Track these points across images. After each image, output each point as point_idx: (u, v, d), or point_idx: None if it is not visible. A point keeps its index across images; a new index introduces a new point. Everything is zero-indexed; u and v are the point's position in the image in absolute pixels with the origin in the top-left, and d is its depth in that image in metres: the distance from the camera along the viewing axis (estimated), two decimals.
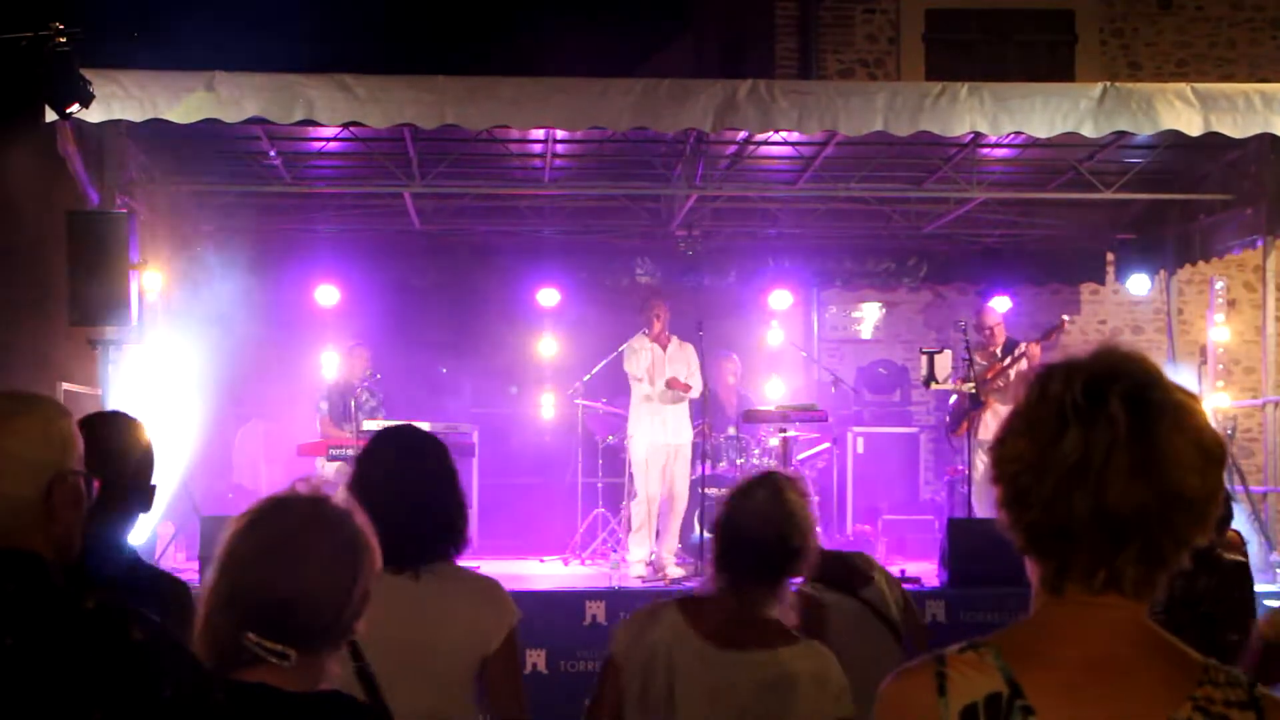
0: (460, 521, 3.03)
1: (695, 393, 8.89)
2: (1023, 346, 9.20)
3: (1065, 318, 9.39)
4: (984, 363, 9.26)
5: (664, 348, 8.92)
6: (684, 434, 8.83)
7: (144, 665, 1.92)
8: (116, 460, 2.83)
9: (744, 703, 2.85)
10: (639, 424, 8.87)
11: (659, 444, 8.78)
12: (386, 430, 3.23)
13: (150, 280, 8.71)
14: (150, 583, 2.93)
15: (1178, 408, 1.48)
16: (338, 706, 2.01)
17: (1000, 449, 1.53)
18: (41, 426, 2.03)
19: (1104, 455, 1.44)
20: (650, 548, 8.77)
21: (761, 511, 2.98)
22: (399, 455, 3.07)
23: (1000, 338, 9.45)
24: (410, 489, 2.97)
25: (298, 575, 1.98)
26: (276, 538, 2.01)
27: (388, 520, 2.77)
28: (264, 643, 1.94)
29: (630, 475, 9.57)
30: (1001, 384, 9.05)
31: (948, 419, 9.56)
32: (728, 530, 3.03)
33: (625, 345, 9.14)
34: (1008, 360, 9.13)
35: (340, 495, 2.17)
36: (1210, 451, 1.48)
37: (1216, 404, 9.58)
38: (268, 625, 1.95)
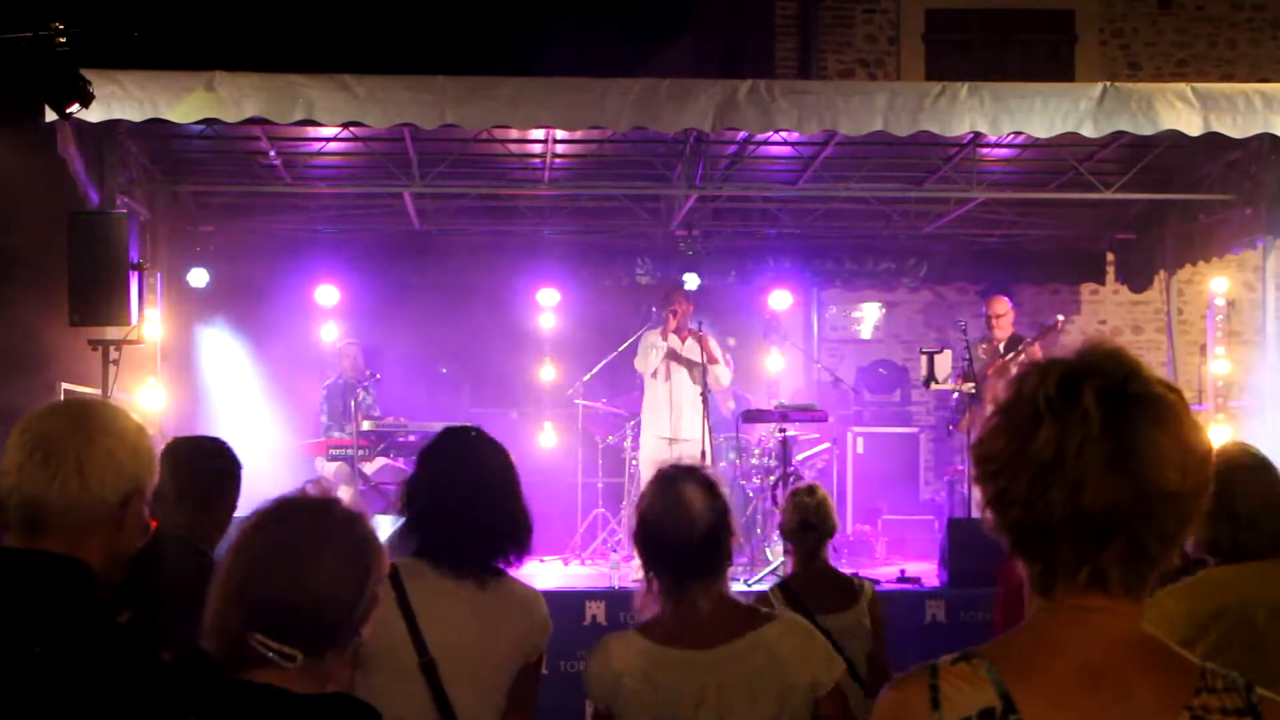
0: (526, 531, 3.01)
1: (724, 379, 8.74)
2: (1025, 344, 9.16)
3: (1060, 318, 9.35)
4: (985, 358, 9.22)
5: (683, 341, 8.77)
6: (696, 432, 8.61)
7: (170, 688, 1.92)
8: None
9: (745, 689, 2.79)
10: (650, 421, 8.79)
11: (668, 441, 8.70)
12: (451, 430, 3.17)
13: (150, 280, 8.71)
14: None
15: (1156, 401, 1.46)
16: (343, 709, 2.01)
17: (978, 448, 1.52)
18: (136, 439, 2.12)
19: (1077, 450, 1.43)
20: None
21: (670, 513, 2.88)
22: (466, 457, 3.05)
23: (1004, 330, 9.38)
24: (478, 493, 2.96)
25: (306, 578, 1.98)
26: (286, 540, 2.02)
27: (456, 522, 2.84)
28: (270, 644, 1.94)
29: (633, 474, 9.57)
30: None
31: (952, 414, 9.54)
32: (645, 537, 2.93)
33: (639, 338, 9.08)
34: (1010, 357, 9.09)
35: (348, 497, 2.18)
36: (1191, 445, 1.46)
37: (1216, 403, 9.56)
38: (275, 626, 1.96)
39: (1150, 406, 1.45)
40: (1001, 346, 9.27)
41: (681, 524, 2.86)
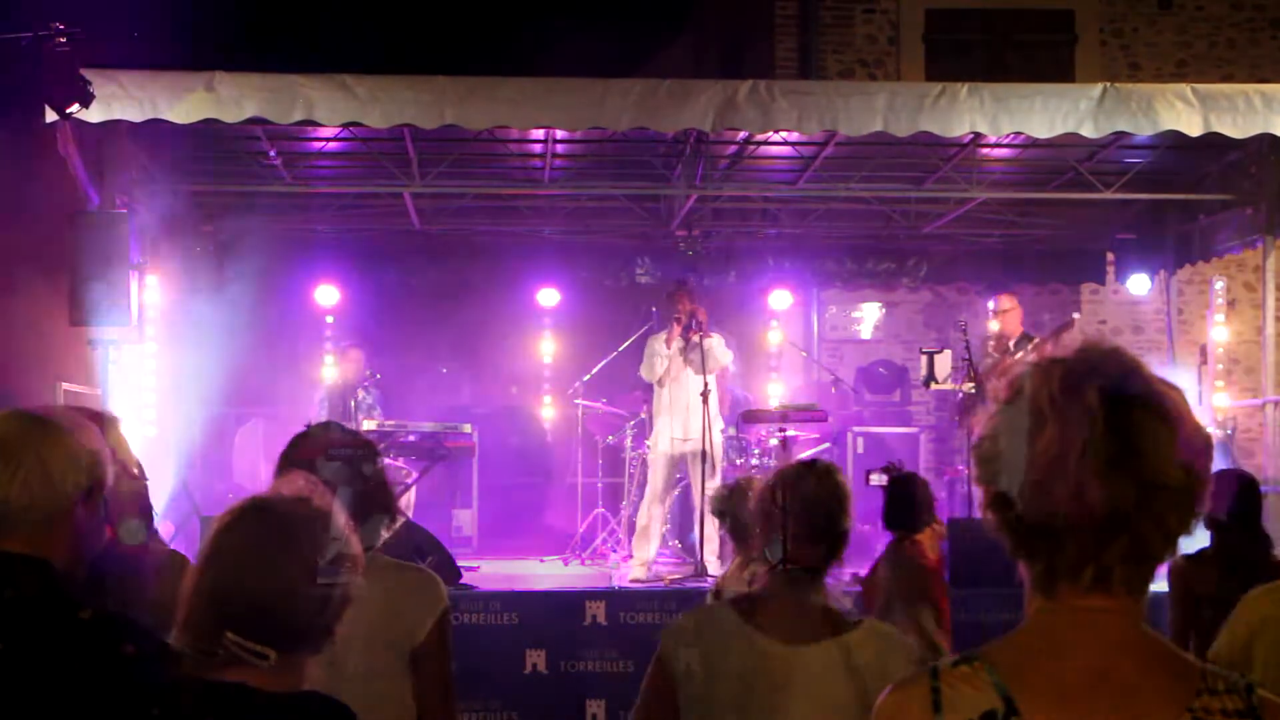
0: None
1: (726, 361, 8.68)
2: (1037, 341, 9.10)
3: (1075, 315, 9.27)
4: (996, 355, 9.17)
5: (686, 342, 8.53)
6: (715, 434, 8.47)
7: (132, 681, 1.93)
8: None
9: (813, 695, 2.81)
10: (660, 424, 8.67)
11: (678, 444, 8.57)
12: (301, 432, 3.20)
13: (150, 280, 8.71)
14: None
15: (1157, 399, 1.46)
16: (316, 707, 2.03)
17: (980, 449, 1.52)
18: (93, 440, 2.18)
19: (1080, 449, 1.42)
20: (654, 550, 8.67)
21: (814, 497, 2.93)
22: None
23: (1012, 328, 9.30)
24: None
25: (278, 577, 1.99)
26: (257, 539, 2.03)
27: None
28: (243, 643, 1.96)
29: (632, 474, 9.56)
30: None
31: (957, 414, 9.52)
32: (779, 520, 2.93)
33: (643, 342, 9.02)
34: (1020, 356, 9.03)
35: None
36: (1192, 442, 1.45)
37: (1217, 403, 9.56)
38: (248, 625, 1.97)
39: (1152, 405, 1.45)
40: (1012, 344, 9.22)
41: (834, 516, 2.93)
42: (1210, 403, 9.77)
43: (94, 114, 6.86)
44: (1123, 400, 1.44)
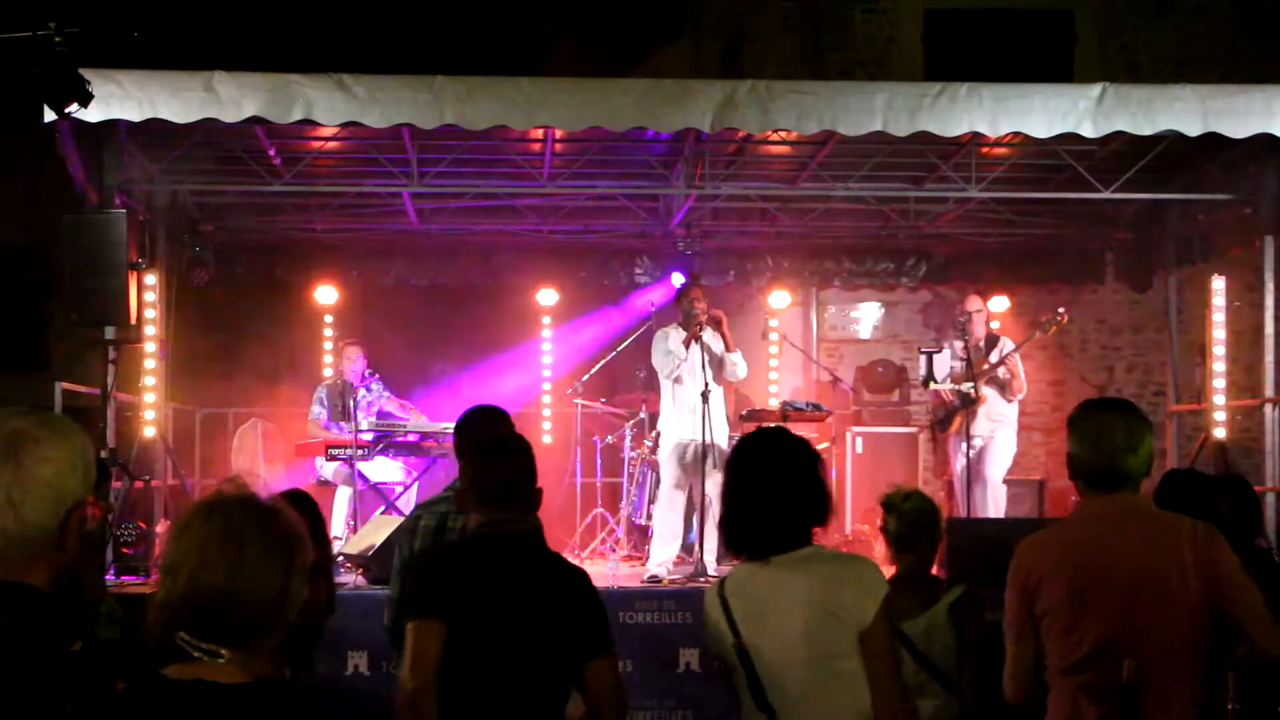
0: (818, 506, 3.21)
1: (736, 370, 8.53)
2: (1002, 344, 9.10)
3: (1061, 310, 9.25)
4: (963, 357, 9.15)
5: (698, 341, 8.25)
6: (720, 433, 8.35)
7: (123, 717, 1.93)
8: None
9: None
10: (669, 420, 8.50)
11: (691, 442, 8.33)
12: (751, 435, 3.38)
13: (149, 280, 8.71)
14: None
15: None
16: (269, 693, 2.04)
17: None
18: (72, 455, 2.04)
19: None
20: (676, 550, 8.53)
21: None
22: (763, 456, 3.26)
23: (977, 329, 9.24)
24: (765, 484, 3.18)
25: (227, 576, 2.02)
26: (204, 541, 2.04)
27: (744, 514, 3.20)
28: (196, 643, 1.99)
29: (631, 474, 9.56)
30: (989, 382, 8.97)
31: (933, 417, 9.52)
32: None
33: (643, 336, 8.96)
34: (995, 358, 9.05)
35: (347, 496, 2.21)
36: None
37: (1216, 403, 9.54)
38: (202, 625, 2.00)
39: None
40: (982, 344, 9.23)
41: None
42: (1210, 403, 9.76)
43: (93, 113, 6.86)
44: None
